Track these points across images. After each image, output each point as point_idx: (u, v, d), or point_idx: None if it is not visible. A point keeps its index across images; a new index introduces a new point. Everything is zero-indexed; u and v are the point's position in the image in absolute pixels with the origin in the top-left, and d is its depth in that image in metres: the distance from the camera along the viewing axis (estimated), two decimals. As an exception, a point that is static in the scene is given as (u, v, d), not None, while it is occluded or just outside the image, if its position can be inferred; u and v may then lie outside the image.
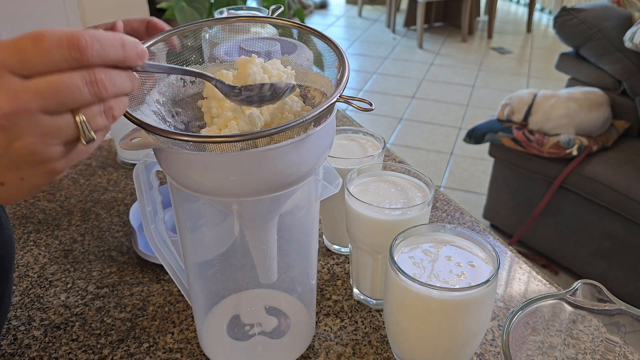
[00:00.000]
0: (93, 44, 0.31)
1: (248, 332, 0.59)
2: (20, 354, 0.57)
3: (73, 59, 0.30)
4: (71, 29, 0.30)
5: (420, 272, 0.51)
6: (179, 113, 0.46)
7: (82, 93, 0.31)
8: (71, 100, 0.31)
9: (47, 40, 0.29)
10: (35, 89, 0.30)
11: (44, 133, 0.31)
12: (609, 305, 0.42)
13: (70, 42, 0.30)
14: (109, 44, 0.32)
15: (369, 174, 0.65)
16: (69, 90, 0.30)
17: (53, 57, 0.30)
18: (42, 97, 0.30)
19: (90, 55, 0.31)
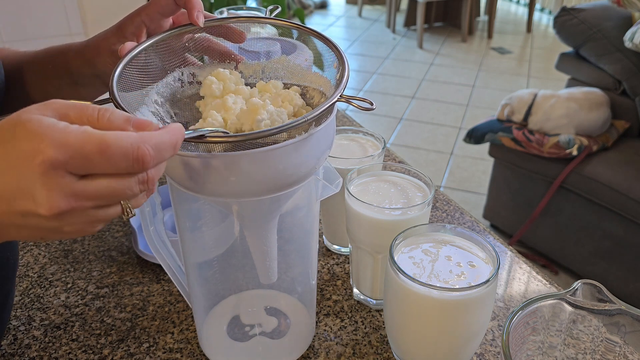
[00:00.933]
0: (154, 157, 0.31)
1: (248, 333, 0.59)
2: (21, 353, 0.57)
3: (135, 170, 0.31)
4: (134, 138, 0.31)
5: (420, 272, 0.51)
6: (177, 114, 0.46)
7: (135, 191, 0.33)
8: (124, 198, 0.33)
9: (113, 152, 0.30)
10: (92, 192, 0.31)
11: (94, 221, 0.33)
12: (609, 305, 0.42)
13: (135, 157, 0.31)
14: (166, 149, 0.32)
15: (369, 174, 0.65)
16: (123, 192, 0.32)
17: (116, 167, 0.31)
18: (97, 199, 0.31)
19: (151, 166, 0.32)
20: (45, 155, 0.29)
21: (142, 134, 0.31)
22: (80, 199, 0.31)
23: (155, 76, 0.47)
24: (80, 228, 0.33)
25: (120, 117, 0.32)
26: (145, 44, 0.46)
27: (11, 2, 1.50)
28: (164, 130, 0.33)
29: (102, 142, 0.30)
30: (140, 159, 0.31)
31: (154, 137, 0.32)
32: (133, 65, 0.45)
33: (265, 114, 0.41)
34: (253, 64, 0.51)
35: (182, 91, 0.48)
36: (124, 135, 0.31)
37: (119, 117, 0.32)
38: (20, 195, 0.30)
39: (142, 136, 0.31)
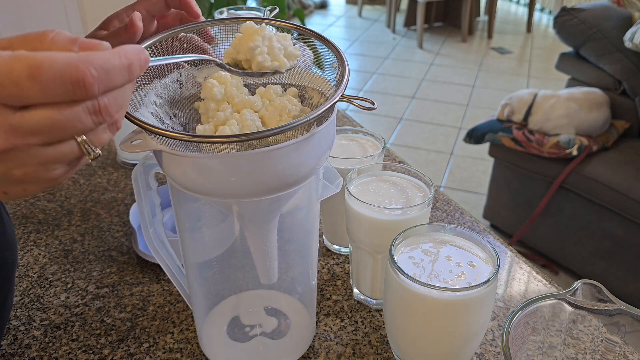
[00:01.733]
0: (100, 79, 0.27)
1: (248, 333, 0.59)
2: (20, 354, 0.57)
3: (77, 95, 0.27)
4: (72, 58, 0.27)
5: (420, 272, 0.51)
6: (177, 115, 0.46)
7: (85, 123, 0.29)
8: (73, 131, 0.29)
9: (46, 74, 0.26)
10: (33, 124, 0.27)
11: (45, 161, 0.29)
12: (609, 305, 0.42)
13: (73, 80, 0.27)
14: (116, 72, 0.29)
15: (369, 174, 0.65)
16: (71, 124, 0.28)
17: (53, 93, 0.27)
18: (41, 133, 0.28)
19: (96, 90, 0.28)
20: None
21: (84, 54, 0.27)
22: (20, 133, 0.27)
23: (154, 77, 0.47)
24: (32, 171, 0.29)
25: (65, 37, 0.28)
26: (144, 44, 0.46)
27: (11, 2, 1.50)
28: (114, 50, 0.29)
29: (32, 64, 0.26)
30: (80, 81, 0.27)
31: (99, 56, 0.28)
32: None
33: (260, 40, 0.40)
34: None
35: (180, 92, 0.48)
36: (60, 54, 0.26)
37: (64, 37, 0.28)
38: None
39: (83, 55, 0.27)
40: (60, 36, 0.28)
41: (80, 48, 0.29)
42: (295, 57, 0.43)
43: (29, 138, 0.27)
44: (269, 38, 0.40)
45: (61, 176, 0.31)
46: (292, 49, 0.43)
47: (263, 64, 0.40)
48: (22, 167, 0.29)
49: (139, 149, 0.41)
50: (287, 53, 0.43)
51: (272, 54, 0.41)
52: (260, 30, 0.40)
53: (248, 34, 0.39)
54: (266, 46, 0.40)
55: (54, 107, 0.27)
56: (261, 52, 0.39)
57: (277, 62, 0.41)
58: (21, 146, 0.28)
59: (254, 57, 0.39)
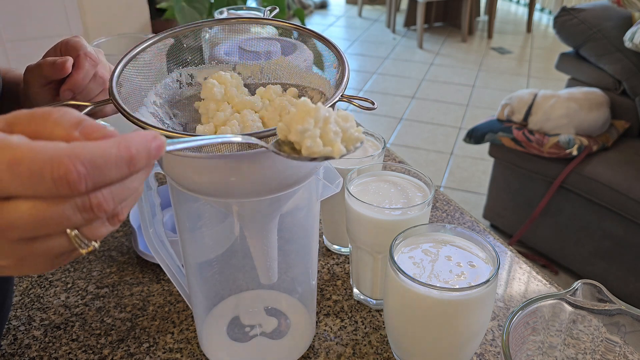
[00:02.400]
0: (87, 176, 0.24)
1: (248, 333, 0.59)
2: (21, 353, 0.57)
3: (60, 192, 0.24)
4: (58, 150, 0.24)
5: (420, 272, 0.51)
6: (177, 115, 0.46)
7: (74, 220, 0.25)
8: (60, 228, 0.26)
9: (26, 169, 0.23)
10: (14, 219, 0.24)
11: (29, 255, 0.26)
12: (609, 305, 0.42)
13: (55, 176, 0.24)
14: (111, 167, 0.25)
15: (369, 174, 0.65)
16: (56, 220, 0.25)
17: (35, 189, 0.24)
18: (23, 228, 0.25)
19: (83, 188, 0.24)
20: None
21: (75, 145, 0.24)
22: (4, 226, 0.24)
23: (154, 77, 0.47)
24: (15, 263, 0.26)
25: (69, 118, 0.26)
26: (144, 45, 0.46)
27: (11, 2, 1.50)
28: (114, 140, 0.25)
29: (13, 157, 0.23)
30: (62, 178, 0.24)
31: (91, 149, 0.24)
32: (132, 66, 0.45)
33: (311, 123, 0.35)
34: (252, 65, 0.50)
35: (180, 92, 0.48)
36: (44, 146, 0.24)
37: (68, 119, 0.26)
38: None
39: (72, 148, 0.24)
40: (65, 117, 0.26)
41: (81, 133, 0.26)
42: (357, 140, 0.38)
43: (9, 232, 0.25)
44: (324, 119, 0.36)
45: (51, 268, 0.28)
46: (354, 131, 0.38)
47: (312, 150, 0.36)
48: (5, 259, 0.26)
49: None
50: (347, 137, 0.38)
51: (327, 138, 0.36)
52: (314, 112, 0.36)
53: (300, 114, 0.36)
54: (319, 128, 0.36)
55: (38, 201, 0.24)
56: (311, 136, 0.35)
57: (330, 147, 0.36)
58: (2, 239, 0.25)
59: (303, 141, 0.35)
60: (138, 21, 1.92)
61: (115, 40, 0.89)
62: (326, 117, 0.36)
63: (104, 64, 0.57)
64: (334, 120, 0.36)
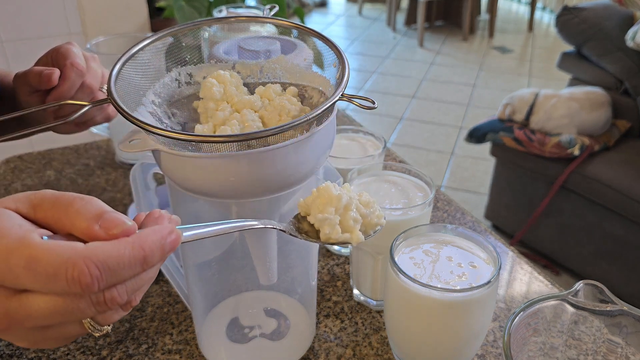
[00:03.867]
0: (100, 278, 0.25)
1: (248, 334, 0.58)
2: (19, 355, 0.57)
3: (74, 292, 0.25)
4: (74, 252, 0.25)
5: (421, 273, 0.50)
6: (175, 114, 0.46)
7: (88, 313, 0.27)
8: (74, 319, 0.27)
9: (42, 269, 0.25)
10: (30, 311, 0.26)
11: (45, 339, 0.28)
12: (610, 306, 0.42)
13: (69, 278, 0.25)
14: (125, 267, 0.26)
15: (370, 173, 0.64)
16: (71, 314, 0.26)
17: (50, 287, 0.25)
18: (38, 319, 0.26)
19: (96, 288, 0.25)
20: None
21: (88, 247, 0.25)
22: (16, 318, 0.26)
23: (153, 76, 0.46)
24: (30, 345, 0.28)
25: (91, 209, 0.27)
26: (143, 44, 0.46)
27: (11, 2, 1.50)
28: (129, 240, 0.27)
29: (30, 256, 0.25)
30: (75, 280, 0.25)
31: (106, 251, 0.25)
32: (130, 64, 0.44)
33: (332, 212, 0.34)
34: (251, 64, 0.50)
35: (179, 91, 0.47)
36: (61, 247, 0.25)
37: (90, 210, 0.27)
38: None
39: (87, 250, 0.25)
40: (87, 208, 0.27)
41: (102, 227, 0.27)
42: (376, 226, 0.37)
43: (25, 322, 0.26)
44: (345, 207, 0.34)
45: (64, 344, 0.31)
46: (374, 217, 0.36)
47: (330, 236, 0.35)
48: (22, 342, 0.28)
49: (138, 148, 0.41)
50: (367, 222, 0.36)
51: (346, 225, 0.35)
52: (336, 201, 0.34)
53: (322, 199, 0.34)
54: (339, 214, 0.35)
55: (52, 296, 0.26)
56: (331, 224, 0.34)
57: (348, 234, 0.35)
58: (15, 327, 0.26)
59: (322, 228, 0.34)
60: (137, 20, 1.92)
61: (113, 39, 0.89)
62: (347, 205, 0.35)
63: (93, 72, 0.57)
64: (354, 207, 0.35)
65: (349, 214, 0.35)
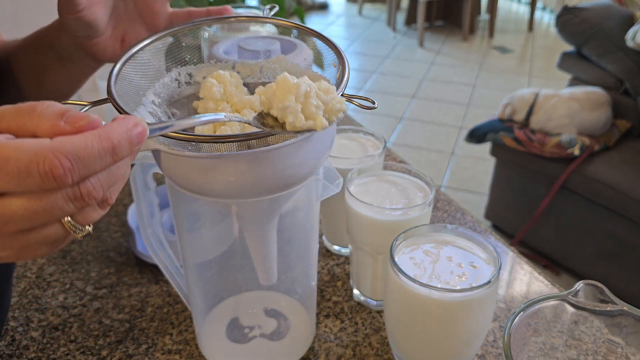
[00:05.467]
0: (72, 169, 0.25)
1: (248, 334, 0.58)
2: (19, 355, 0.57)
3: (48, 186, 0.26)
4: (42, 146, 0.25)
5: (421, 273, 0.50)
6: (175, 114, 0.46)
7: (66, 210, 0.27)
8: (53, 218, 0.27)
9: (12, 167, 0.25)
10: (8, 214, 0.26)
11: (27, 244, 0.28)
12: (610, 306, 0.42)
13: (41, 172, 0.25)
14: (95, 158, 0.26)
15: (370, 173, 0.64)
16: (49, 212, 0.26)
17: (23, 184, 0.25)
18: (17, 221, 0.26)
19: (69, 180, 0.26)
20: None
21: (56, 140, 0.26)
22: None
23: (153, 76, 0.46)
24: (14, 254, 0.28)
25: (53, 110, 0.27)
26: (144, 43, 0.46)
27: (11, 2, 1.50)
28: (95, 132, 0.27)
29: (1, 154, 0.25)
30: (48, 173, 0.25)
31: (74, 143, 0.26)
32: (130, 64, 0.44)
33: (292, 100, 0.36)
34: (251, 64, 0.50)
35: (179, 91, 0.47)
36: (29, 143, 0.25)
37: (52, 111, 0.27)
38: None
39: (55, 143, 0.25)
40: (49, 109, 0.27)
41: (66, 122, 0.27)
42: (339, 112, 0.38)
43: (5, 227, 0.26)
44: (305, 94, 0.36)
45: (50, 252, 0.30)
46: (335, 103, 0.38)
47: (295, 125, 0.36)
48: (5, 250, 0.28)
49: (137, 149, 0.41)
50: (329, 109, 0.37)
51: (308, 112, 0.36)
52: (295, 88, 0.35)
53: (281, 90, 0.36)
54: (301, 103, 0.36)
55: (29, 195, 0.26)
56: (293, 112, 0.35)
57: (312, 121, 0.36)
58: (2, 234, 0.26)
59: (286, 118, 0.35)
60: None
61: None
62: (307, 92, 0.36)
63: None
64: (314, 95, 0.36)
65: (310, 102, 0.36)
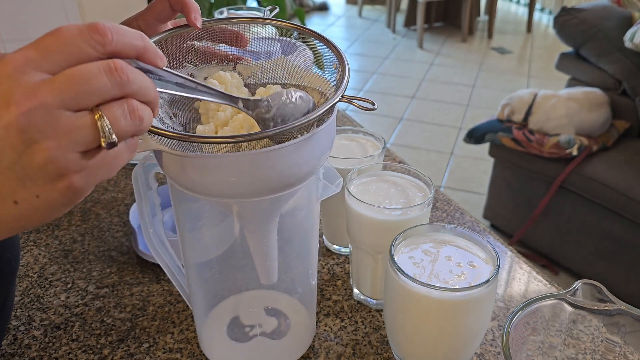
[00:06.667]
0: (112, 28, 0.30)
1: (248, 333, 0.59)
2: (20, 354, 0.57)
3: (94, 41, 0.30)
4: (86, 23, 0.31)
5: (421, 272, 0.51)
6: (177, 115, 0.46)
7: (101, 82, 0.29)
8: (90, 90, 0.29)
9: (66, 30, 0.30)
10: (53, 82, 0.29)
11: (62, 134, 0.29)
12: (609, 305, 0.42)
13: (89, 27, 0.30)
14: (128, 32, 0.31)
15: (369, 174, 0.65)
16: (86, 79, 0.29)
17: (74, 45, 0.29)
18: (59, 90, 0.29)
19: (109, 38, 0.30)
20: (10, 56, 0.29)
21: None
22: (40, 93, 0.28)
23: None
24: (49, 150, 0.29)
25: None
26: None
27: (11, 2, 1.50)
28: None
29: (55, 28, 0.30)
30: (93, 28, 0.30)
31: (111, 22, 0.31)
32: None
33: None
34: (251, 65, 0.50)
35: None
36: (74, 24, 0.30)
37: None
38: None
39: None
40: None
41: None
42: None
43: (48, 96, 0.28)
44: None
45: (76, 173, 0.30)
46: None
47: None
48: (40, 142, 0.28)
49: (139, 149, 0.41)
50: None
51: None
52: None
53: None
54: None
55: (72, 65, 0.29)
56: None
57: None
58: (40, 106, 0.28)
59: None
60: (138, 21, 1.92)
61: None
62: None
63: None
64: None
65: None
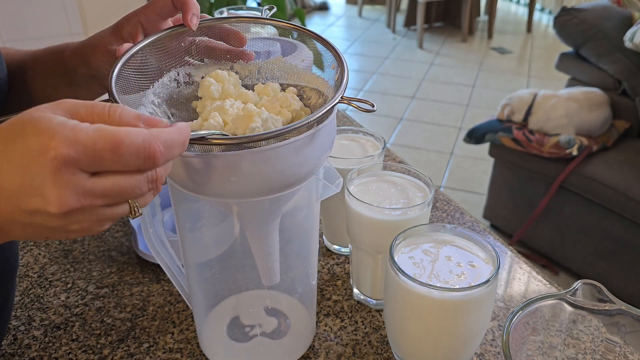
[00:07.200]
0: (164, 155, 0.32)
1: (248, 333, 0.59)
2: (20, 354, 0.57)
3: (145, 167, 0.32)
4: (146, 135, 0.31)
5: (421, 272, 0.51)
6: (175, 114, 0.46)
7: (143, 190, 0.33)
8: (133, 195, 0.33)
9: (126, 149, 0.30)
10: (103, 190, 0.31)
11: (101, 220, 0.33)
12: (609, 305, 0.42)
13: (147, 155, 0.31)
14: (175, 148, 0.33)
15: (369, 174, 0.65)
16: (133, 190, 0.32)
17: (127, 164, 0.31)
18: (107, 197, 0.31)
19: (160, 163, 0.32)
20: (57, 152, 0.28)
21: (153, 131, 0.32)
22: (90, 196, 0.30)
23: (152, 76, 0.47)
24: (86, 227, 0.33)
25: (130, 113, 0.32)
26: (142, 44, 0.46)
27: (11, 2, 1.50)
28: (174, 127, 0.33)
29: (115, 139, 0.30)
30: (151, 157, 0.31)
31: (165, 134, 0.32)
32: (130, 65, 0.45)
33: (259, 121, 0.41)
34: (249, 65, 0.50)
35: (178, 91, 0.48)
36: (136, 131, 0.31)
37: (130, 114, 0.32)
38: (29, 192, 0.29)
39: (153, 133, 0.31)
40: (126, 112, 0.32)
41: (145, 124, 0.33)
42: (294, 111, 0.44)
43: (97, 200, 0.31)
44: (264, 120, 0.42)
45: (104, 229, 0.35)
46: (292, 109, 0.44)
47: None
48: (81, 224, 0.32)
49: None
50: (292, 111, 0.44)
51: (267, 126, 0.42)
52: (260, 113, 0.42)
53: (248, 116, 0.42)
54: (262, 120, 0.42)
55: (123, 175, 0.31)
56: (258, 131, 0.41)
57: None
58: (89, 207, 0.31)
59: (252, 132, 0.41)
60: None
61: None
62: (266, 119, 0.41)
63: None
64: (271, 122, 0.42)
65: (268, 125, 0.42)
